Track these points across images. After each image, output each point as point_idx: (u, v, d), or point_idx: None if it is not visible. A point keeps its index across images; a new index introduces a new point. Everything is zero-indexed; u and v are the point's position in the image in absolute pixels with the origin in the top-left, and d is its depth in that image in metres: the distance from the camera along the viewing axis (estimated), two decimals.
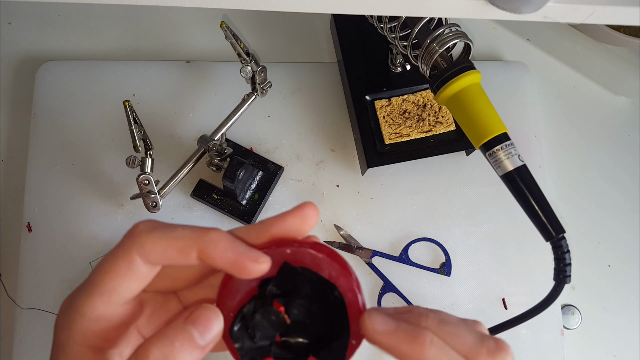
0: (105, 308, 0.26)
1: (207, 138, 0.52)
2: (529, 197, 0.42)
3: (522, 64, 0.67)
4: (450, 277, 0.59)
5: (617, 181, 0.66)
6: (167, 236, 0.26)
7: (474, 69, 0.45)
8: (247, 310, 0.27)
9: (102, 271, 0.27)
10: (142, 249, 0.26)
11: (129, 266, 0.26)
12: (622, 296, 0.63)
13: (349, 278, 0.27)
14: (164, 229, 0.26)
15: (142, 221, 0.27)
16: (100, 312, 0.26)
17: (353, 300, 0.27)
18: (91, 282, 0.27)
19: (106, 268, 0.26)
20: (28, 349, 0.54)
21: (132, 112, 0.45)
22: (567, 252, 0.42)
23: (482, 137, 0.44)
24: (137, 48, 0.66)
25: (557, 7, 0.36)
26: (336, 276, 0.27)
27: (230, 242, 0.26)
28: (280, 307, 0.28)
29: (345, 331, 0.27)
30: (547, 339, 0.59)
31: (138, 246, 0.26)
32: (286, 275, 0.27)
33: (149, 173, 0.47)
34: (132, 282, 0.27)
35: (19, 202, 0.59)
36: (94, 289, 0.26)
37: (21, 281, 0.55)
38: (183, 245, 0.26)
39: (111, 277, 0.26)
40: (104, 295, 0.26)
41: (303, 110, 0.63)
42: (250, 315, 0.28)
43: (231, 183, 0.52)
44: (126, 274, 0.26)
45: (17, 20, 0.65)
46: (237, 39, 0.49)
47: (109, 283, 0.26)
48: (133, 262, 0.26)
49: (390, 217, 0.60)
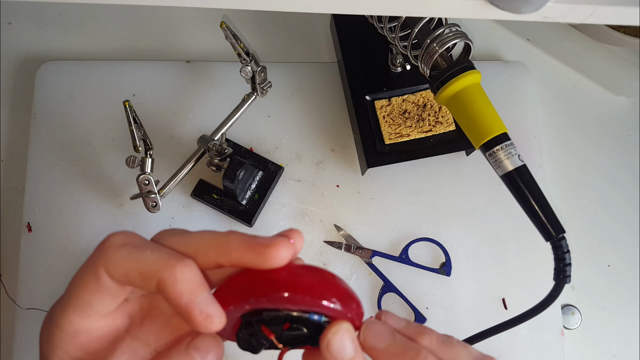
0: (82, 322, 0.26)
1: (207, 138, 0.52)
2: (529, 197, 0.42)
3: (522, 64, 0.67)
4: (450, 277, 0.59)
5: (617, 181, 0.66)
6: (134, 257, 0.24)
7: (474, 69, 0.45)
8: (242, 335, 0.28)
9: (75, 284, 0.26)
10: (107, 265, 0.25)
11: (97, 282, 0.25)
12: (622, 296, 0.63)
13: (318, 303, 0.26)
14: (133, 248, 0.25)
15: (116, 233, 0.26)
16: (77, 326, 0.26)
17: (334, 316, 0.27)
18: (68, 295, 0.26)
19: (77, 281, 0.26)
20: (28, 348, 0.54)
21: (132, 112, 0.45)
22: (567, 252, 0.42)
23: (482, 137, 0.44)
24: (137, 48, 0.66)
25: (557, 7, 0.35)
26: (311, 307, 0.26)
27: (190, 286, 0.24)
28: (270, 334, 0.27)
29: None
30: (547, 339, 0.59)
31: (104, 262, 0.25)
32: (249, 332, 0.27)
33: (149, 173, 0.47)
34: (104, 298, 0.26)
35: (19, 202, 0.59)
36: (69, 303, 0.26)
37: (21, 281, 0.55)
38: (147, 270, 0.24)
39: (83, 291, 0.25)
40: (78, 309, 0.26)
41: (303, 110, 0.63)
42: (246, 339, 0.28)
43: (231, 183, 0.52)
44: (96, 289, 0.25)
45: (17, 20, 0.65)
46: (237, 39, 0.49)
47: (82, 296, 0.25)
48: (100, 277, 0.25)
49: (390, 217, 0.60)
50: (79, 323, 0.26)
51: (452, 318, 0.58)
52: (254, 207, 0.57)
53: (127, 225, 0.58)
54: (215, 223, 0.58)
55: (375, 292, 0.58)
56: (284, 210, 0.60)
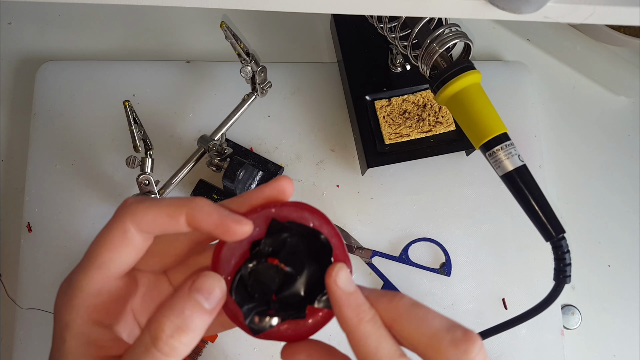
0: (104, 281, 0.27)
1: (207, 138, 0.52)
2: (529, 197, 0.42)
3: (522, 64, 0.67)
4: (450, 277, 0.59)
5: (617, 181, 0.66)
6: (157, 204, 0.27)
7: (474, 69, 0.45)
8: (243, 271, 0.29)
9: (97, 245, 0.27)
10: (134, 217, 0.27)
11: (124, 235, 0.27)
12: (622, 296, 0.63)
13: (330, 226, 0.29)
14: (153, 199, 0.28)
15: (131, 196, 0.29)
16: (100, 285, 0.27)
17: (338, 244, 0.29)
18: (88, 258, 0.27)
19: (101, 241, 0.27)
20: (28, 348, 0.54)
21: (132, 112, 0.45)
22: (567, 252, 0.42)
23: (482, 137, 0.44)
24: (137, 48, 0.66)
25: (557, 7, 0.35)
26: (319, 225, 0.29)
27: (215, 207, 0.27)
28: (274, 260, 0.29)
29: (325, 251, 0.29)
30: (547, 339, 0.59)
31: (130, 215, 0.27)
32: (275, 230, 0.29)
33: (149, 173, 0.47)
34: (128, 252, 0.27)
35: (19, 202, 0.59)
36: (92, 263, 0.27)
37: (21, 281, 0.55)
38: (172, 211, 0.27)
39: (107, 249, 0.27)
40: (102, 267, 0.27)
41: (303, 110, 0.63)
42: (247, 274, 0.29)
43: (231, 183, 0.52)
44: (122, 243, 0.27)
45: (17, 20, 0.65)
46: (237, 39, 0.49)
47: (106, 254, 0.27)
48: (127, 231, 0.27)
49: (390, 217, 0.60)
50: (102, 281, 0.27)
51: (452, 318, 0.58)
52: None
53: None
54: None
55: None
56: None
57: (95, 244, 0.27)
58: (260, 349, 0.56)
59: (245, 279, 0.29)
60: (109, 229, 0.27)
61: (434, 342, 0.24)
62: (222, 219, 0.27)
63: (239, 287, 0.29)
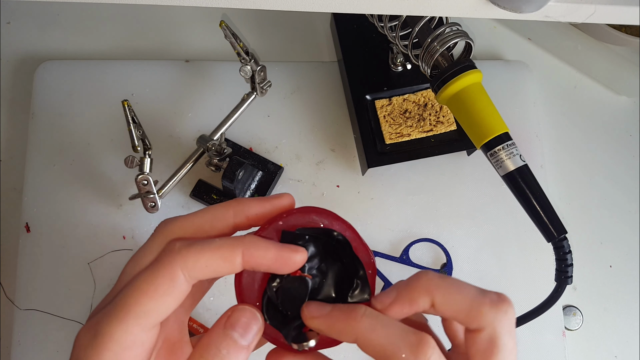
0: (139, 332, 0.25)
1: (207, 138, 0.52)
2: (530, 197, 0.42)
3: (523, 63, 0.67)
4: None
5: (619, 181, 0.66)
6: (209, 247, 0.25)
7: (475, 69, 0.45)
8: (269, 293, 0.28)
9: (138, 290, 0.25)
10: (185, 263, 0.25)
11: (172, 283, 0.25)
12: (623, 297, 0.63)
13: (340, 221, 0.29)
14: (202, 242, 0.26)
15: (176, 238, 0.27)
16: (134, 336, 0.25)
17: (353, 237, 0.29)
18: (124, 304, 0.25)
19: (144, 287, 0.25)
20: (26, 349, 0.54)
21: (131, 112, 0.45)
22: (569, 252, 0.42)
23: (483, 136, 0.44)
24: (136, 47, 0.65)
25: (558, 6, 0.35)
26: (330, 223, 0.29)
27: (267, 242, 0.27)
28: (296, 272, 0.28)
29: (358, 266, 0.29)
30: (549, 340, 0.58)
31: (182, 261, 0.25)
32: (288, 241, 0.28)
33: (148, 173, 0.47)
34: (172, 301, 0.25)
35: (17, 203, 0.59)
36: (129, 311, 0.24)
37: (19, 282, 0.55)
38: (226, 253, 0.26)
39: (151, 297, 0.24)
40: (141, 317, 0.24)
41: (303, 110, 0.63)
42: (274, 294, 0.28)
43: (230, 183, 0.52)
44: (168, 292, 0.25)
45: (16, 19, 0.65)
46: (236, 38, 0.48)
47: (148, 303, 0.24)
48: (176, 279, 0.25)
49: (390, 217, 0.60)
50: (137, 333, 0.25)
51: None
52: None
53: (126, 226, 0.57)
54: None
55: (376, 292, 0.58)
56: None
57: (136, 289, 0.25)
58: (260, 349, 0.56)
59: (273, 299, 0.28)
60: (155, 274, 0.25)
61: (475, 306, 0.25)
62: (280, 253, 0.26)
63: (269, 310, 0.28)
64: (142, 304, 0.24)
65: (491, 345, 0.25)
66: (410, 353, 0.24)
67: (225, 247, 0.25)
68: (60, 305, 0.55)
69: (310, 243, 0.29)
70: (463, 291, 0.26)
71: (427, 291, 0.26)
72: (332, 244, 0.29)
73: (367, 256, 0.29)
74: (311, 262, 0.29)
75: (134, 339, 0.25)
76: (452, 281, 0.26)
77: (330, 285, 0.29)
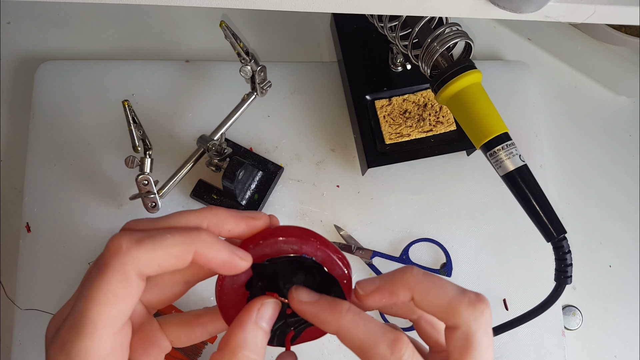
0: (114, 337, 0.25)
1: (207, 138, 0.52)
2: (530, 197, 0.42)
3: (523, 63, 0.67)
4: (450, 278, 0.59)
5: (619, 181, 0.66)
6: (160, 244, 0.25)
7: (475, 69, 0.45)
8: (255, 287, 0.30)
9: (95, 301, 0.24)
10: (137, 263, 0.24)
11: (126, 285, 0.24)
12: (623, 297, 0.63)
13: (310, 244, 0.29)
14: (153, 239, 0.25)
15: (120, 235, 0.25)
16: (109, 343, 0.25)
17: (324, 256, 0.30)
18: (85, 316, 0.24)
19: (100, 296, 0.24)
20: (27, 349, 0.54)
21: (131, 112, 0.45)
22: (568, 252, 0.42)
23: (483, 137, 0.44)
24: (136, 48, 0.65)
25: (558, 6, 0.35)
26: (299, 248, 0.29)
27: (222, 244, 0.27)
28: (273, 294, 0.30)
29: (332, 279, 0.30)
30: (548, 340, 0.58)
31: (132, 262, 0.24)
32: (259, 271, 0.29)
33: (148, 173, 0.47)
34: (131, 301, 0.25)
35: (17, 203, 0.59)
36: (95, 322, 0.24)
37: (20, 282, 0.55)
38: (180, 251, 0.25)
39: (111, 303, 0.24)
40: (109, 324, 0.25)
41: (303, 110, 0.63)
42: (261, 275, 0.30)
43: (231, 183, 0.52)
44: (125, 294, 0.25)
45: (16, 20, 0.65)
46: (236, 39, 0.48)
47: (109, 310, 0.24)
48: (129, 280, 0.24)
49: (390, 217, 0.60)
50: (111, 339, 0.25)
51: None
52: (253, 207, 0.57)
53: None
54: None
55: None
56: (283, 210, 0.59)
57: (90, 299, 0.24)
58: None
59: None
60: (106, 279, 0.24)
61: (453, 304, 0.27)
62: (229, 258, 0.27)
63: None
64: (104, 312, 0.24)
65: (467, 342, 0.27)
66: (387, 348, 0.26)
67: (179, 246, 0.25)
68: (61, 305, 0.55)
69: (282, 265, 0.30)
70: (443, 289, 0.27)
71: (408, 286, 0.28)
72: (306, 265, 0.30)
73: (341, 269, 0.30)
74: (287, 280, 0.30)
75: (110, 346, 0.25)
76: (434, 279, 0.28)
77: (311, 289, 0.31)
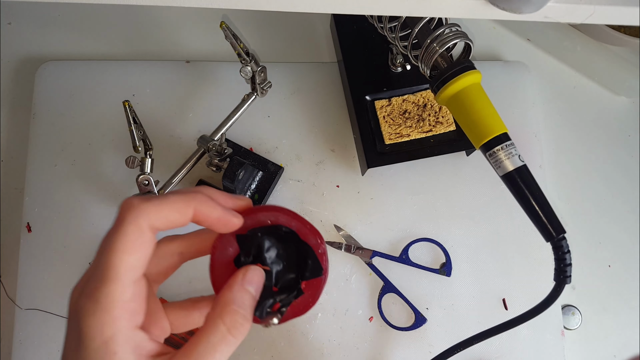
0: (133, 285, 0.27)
1: (207, 138, 0.52)
2: (529, 197, 0.42)
3: (522, 64, 0.67)
4: (450, 278, 0.59)
5: (618, 181, 0.66)
6: (166, 201, 0.29)
7: (474, 69, 0.45)
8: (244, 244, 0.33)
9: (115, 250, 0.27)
10: (148, 216, 0.28)
11: (141, 236, 0.27)
12: (622, 296, 0.63)
13: (286, 214, 0.34)
14: (158, 198, 0.29)
15: (131, 197, 0.29)
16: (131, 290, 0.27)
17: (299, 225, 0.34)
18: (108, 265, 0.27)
19: (118, 245, 0.27)
20: (27, 349, 0.54)
21: (131, 112, 0.45)
22: (568, 252, 0.42)
23: (482, 137, 0.44)
24: (137, 48, 0.66)
25: (558, 7, 0.35)
26: (276, 219, 0.34)
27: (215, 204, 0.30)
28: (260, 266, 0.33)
29: (308, 249, 0.34)
30: (548, 340, 0.58)
31: (145, 215, 0.28)
32: (244, 242, 0.33)
33: (149, 173, 0.47)
34: (147, 252, 0.28)
35: (18, 203, 0.59)
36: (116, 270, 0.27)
37: (21, 281, 0.55)
38: (181, 207, 0.29)
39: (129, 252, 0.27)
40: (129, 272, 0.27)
41: (303, 110, 0.63)
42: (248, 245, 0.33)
43: (231, 183, 0.52)
44: (141, 245, 0.28)
45: (17, 20, 0.65)
46: (237, 39, 0.48)
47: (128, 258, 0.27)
48: (143, 231, 0.28)
49: (390, 217, 0.60)
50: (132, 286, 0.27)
51: (452, 318, 0.58)
52: None
53: None
54: None
55: (376, 292, 0.58)
56: None
57: (112, 250, 0.27)
58: (260, 350, 0.56)
59: None
60: (123, 231, 0.27)
61: None
62: (223, 214, 0.31)
63: None
64: (124, 261, 0.27)
65: None
66: None
67: (180, 202, 0.29)
68: (61, 305, 0.55)
69: (264, 238, 0.34)
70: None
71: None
72: (284, 234, 0.34)
73: (314, 239, 0.34)
74: (269, 252, 0.34)
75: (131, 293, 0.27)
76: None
77: (292, 268, 0.35)
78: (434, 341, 0.57)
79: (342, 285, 0.58)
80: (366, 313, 0.58)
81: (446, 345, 0.49)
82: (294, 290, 0.35)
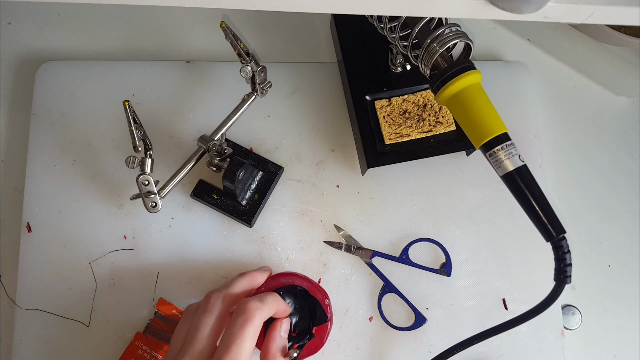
0: None
1: (207, 138, 0.52)
2: (529, 197, 0.42)
3: (522, 64, 0.67)
4: (450, 278, 0.59)
5: (618, 181, 0.66)
6: (271, 304, 0.45)
7: (474, 69, 0.45)
8: None
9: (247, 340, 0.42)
10: (262, 315, 0.44)
11: (258, 329, 0.44)
12: (622, 296, 0.63)
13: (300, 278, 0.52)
14: (266, 300, 0.45)
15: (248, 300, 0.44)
16: None
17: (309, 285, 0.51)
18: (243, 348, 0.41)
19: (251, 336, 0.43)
20: (27, 349, 0.54)
21: (131, 112, 0.45)
22: (568, 252, 0.42)
23: (482, 137, 0.44)
24: (137, 48, 0.66)
25: (558, 7, 0.35)
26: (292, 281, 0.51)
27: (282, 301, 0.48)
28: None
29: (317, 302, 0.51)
30: (548, 340, 0.58)
31: (261, 314, 0.44)
32: None
33: (149, 173, 0.47)
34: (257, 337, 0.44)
35: (18, 203, 0.59)
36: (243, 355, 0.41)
37: (21, 281, 0.55)
38: (275, 307, 0.46)
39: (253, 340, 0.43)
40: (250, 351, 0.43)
41: (303, 110, 0.63)
42: None
43: (231, 183, 0.52)
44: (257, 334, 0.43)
45: (17, 20, 0.65)
46: (236, 39, 0.48)
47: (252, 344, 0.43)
48: (259, 326, 0.44)
49: (390, 217, 0.60)
50: None
51: (452, 318, 0.58)
52: (254, 207, 0.57)
53: (127, 225, 0.57)
54: (215, 223, 0.58)
55: (376, 292, 0.58)
56: (284, 210, 0.60)
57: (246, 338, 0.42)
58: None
59: None
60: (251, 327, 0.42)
61: None
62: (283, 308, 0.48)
63: None
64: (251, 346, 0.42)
65: None
66: None
67: (274, 303, 0.46)
68: (62, 305, 0.55)
69: (284, 295, 0.50)
70: None
71: None
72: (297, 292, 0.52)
73: (321, 295, 0.51)
74: (291, 305, 0.51)
75: None
76: None
77: (305, 316, 0.52)
78: (434, 341, 0.57)
79: (342, 285, 0.58)
80: (366, 313, 0.58)
81: (446, 345, 0.50)
82: (307, 334, 0.50)
